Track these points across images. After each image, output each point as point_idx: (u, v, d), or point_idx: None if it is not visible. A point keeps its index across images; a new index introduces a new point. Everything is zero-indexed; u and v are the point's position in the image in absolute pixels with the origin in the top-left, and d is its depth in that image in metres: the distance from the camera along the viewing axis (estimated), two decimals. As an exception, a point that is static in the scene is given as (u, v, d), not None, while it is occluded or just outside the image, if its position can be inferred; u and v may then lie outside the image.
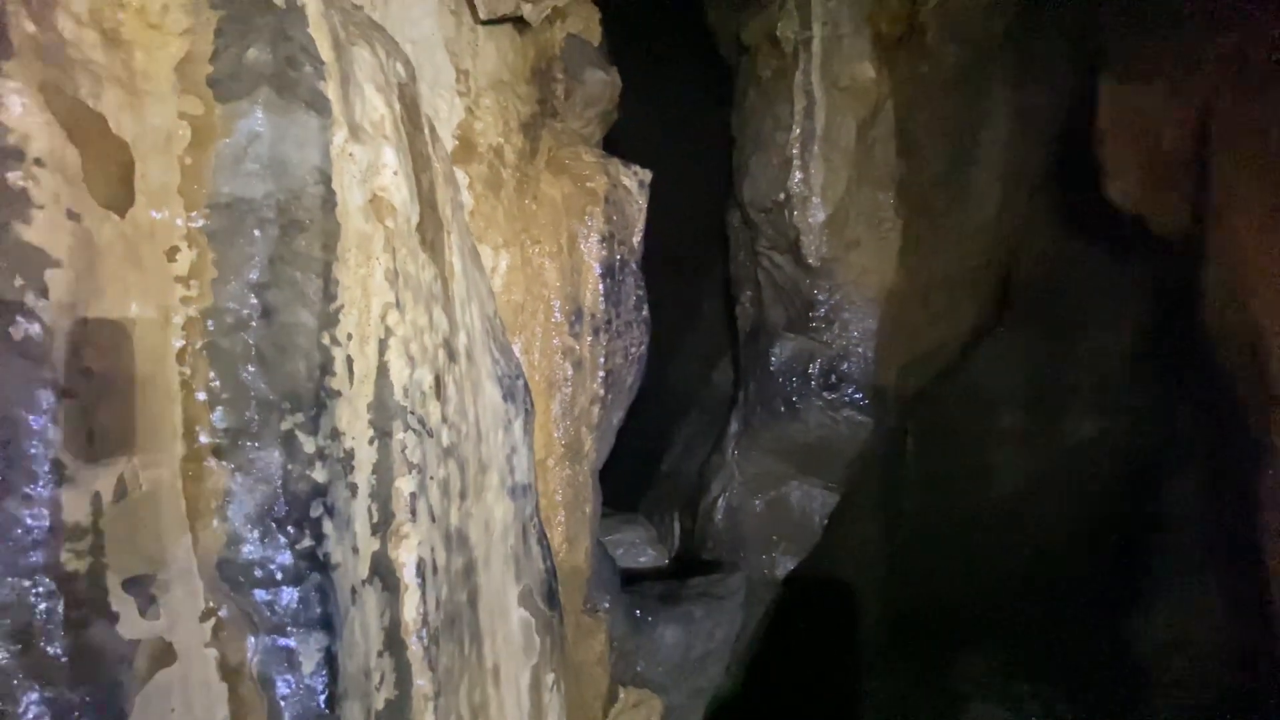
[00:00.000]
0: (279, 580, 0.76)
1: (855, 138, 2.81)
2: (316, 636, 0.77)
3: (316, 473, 0.83)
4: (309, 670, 0.76)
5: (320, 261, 0.88)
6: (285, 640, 0.75)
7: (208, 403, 0.76)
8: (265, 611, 0.74)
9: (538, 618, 1.54)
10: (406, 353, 1.06)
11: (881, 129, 2.86)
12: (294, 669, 0.75)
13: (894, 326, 3.00)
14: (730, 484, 3.08)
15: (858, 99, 2.80)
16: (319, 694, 0.76)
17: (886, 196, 2.89)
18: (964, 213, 3.04)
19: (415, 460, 1.05)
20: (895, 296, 2.97)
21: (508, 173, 1.88)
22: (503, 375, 1.52)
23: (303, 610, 0.76)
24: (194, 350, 0.76)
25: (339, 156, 0.93)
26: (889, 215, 2.90)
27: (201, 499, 0.74)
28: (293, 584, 0.76)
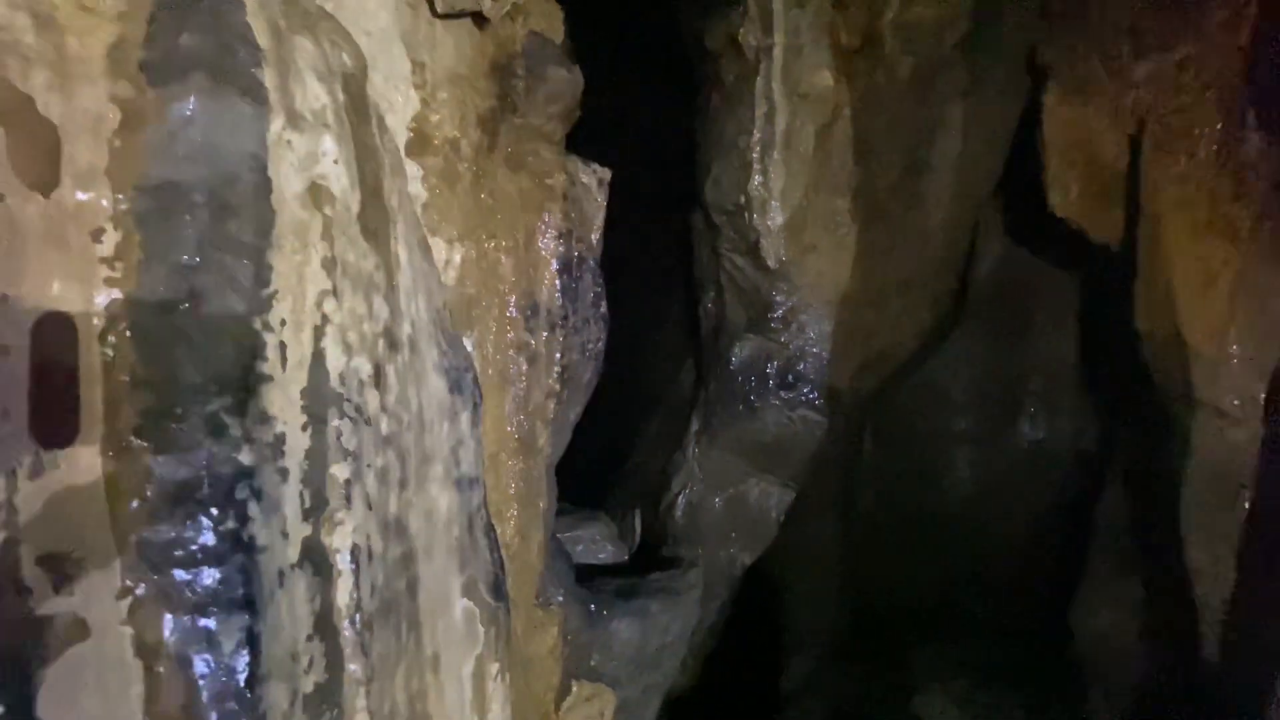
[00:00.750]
0: (200, 560, 0.76)
1: (814, 144, 2.88)
2: (238, 617, 0.78)
3: (243, 455, 0.84)
4: (229, 650, 0.76)
5: (252, 247, 0.89)
6: (205, 620, 0.76)
7: (131, 384, 0.76)
8: (185, 591, 0.75)
9: (483, 609, 1.55)
10: (343, 340, 1.07)
11: (839, 136, 2.94)
12: (213, 648, 0.75)
13: (849, 328, 3.07)
14: (690, 481, 3.13)
15: (817, 106, 2.87)
16: (239, 674, 0.76)
17: (844, 202, 2.97)
18: (918, 219, 3.13)
19: (351, 448, 1.06)
20: (851, 299, 3.05)
21: (464, 166, 1.89)
22: (450, 367, 1.53)
23: (224, 591, 0.77)
24: (118, 332, 0.77)
25: (275, 144, 0.94)
26: (846, 220, 2.98)
27: (122, 479, 0.75)
28: (214, 564, 0.77)
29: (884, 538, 4.23)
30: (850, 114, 2.89)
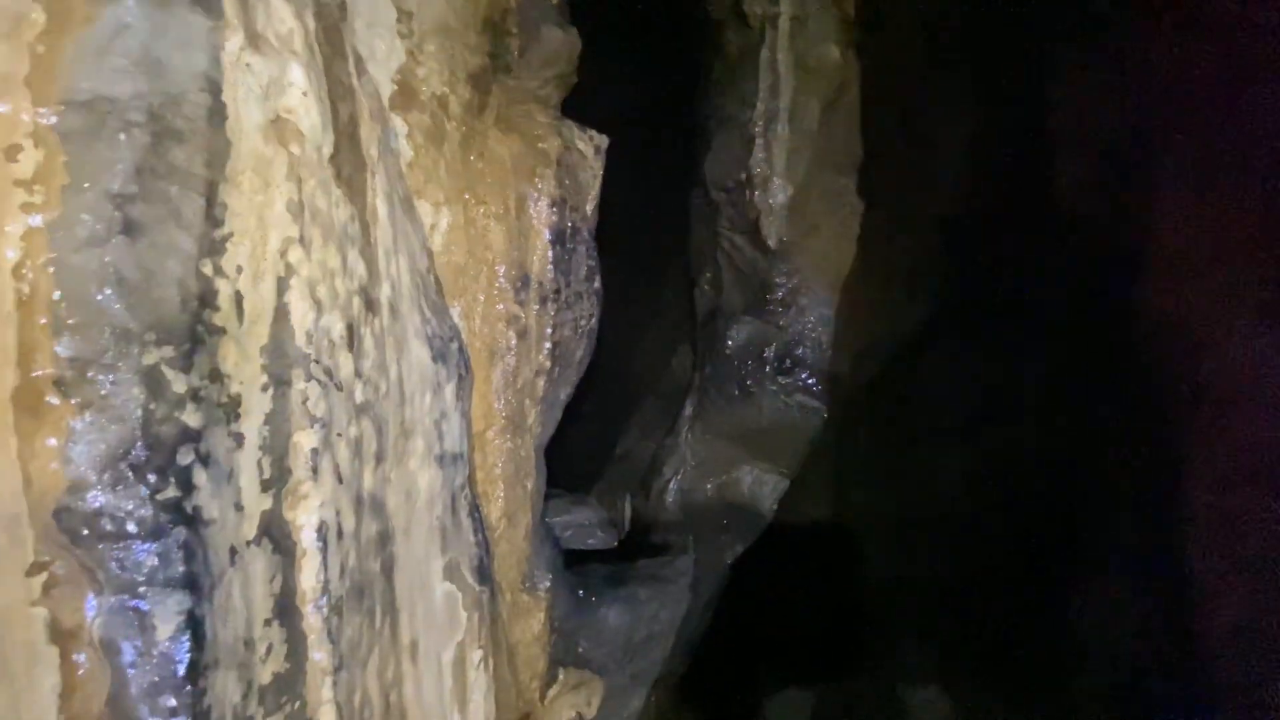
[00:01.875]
0: (132, 533, 0.66)
1: (819, 120, 2.78)
2: (176, 598, 0.68)
3: (188, 416, 0.73)
4: (165, 635, 0.66)
5: (202, 179, 0.78)
6: (136, 601, 0.65)
7: (50, 327, 0.65)
8: (113, 568, 0.65)
9: (465, 593, 1.46)
10: (312, 295, 0.96)
11: (845, 112, 2.83)
12: (145, 633, 0.66)
13: (850, 313, 2.99)
14: (682, 467, 3.04)
15: (823, 80, 2.76)
16: (177, 663, 0.67)
17: (848, 181, 2.87)
18: (922, 201, 3.04)
19: (319, 414, 0.96)
20: (852, 283, 2.96)
21: (452, 125, 1.77)
22: (433, 335, 1.43)
23: (160, 568, 0.67)
24: (35, 265, 0.66)
25: (232, 65, 0.83)
26: (849, 200, 2.88)
27: (38, 436, 0.64)
28: (149, 538, 0.67)
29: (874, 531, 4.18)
30: (857, 90, 2.78)
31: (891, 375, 3.84)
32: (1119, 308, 2.65)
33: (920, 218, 3.10)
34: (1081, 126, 2.80)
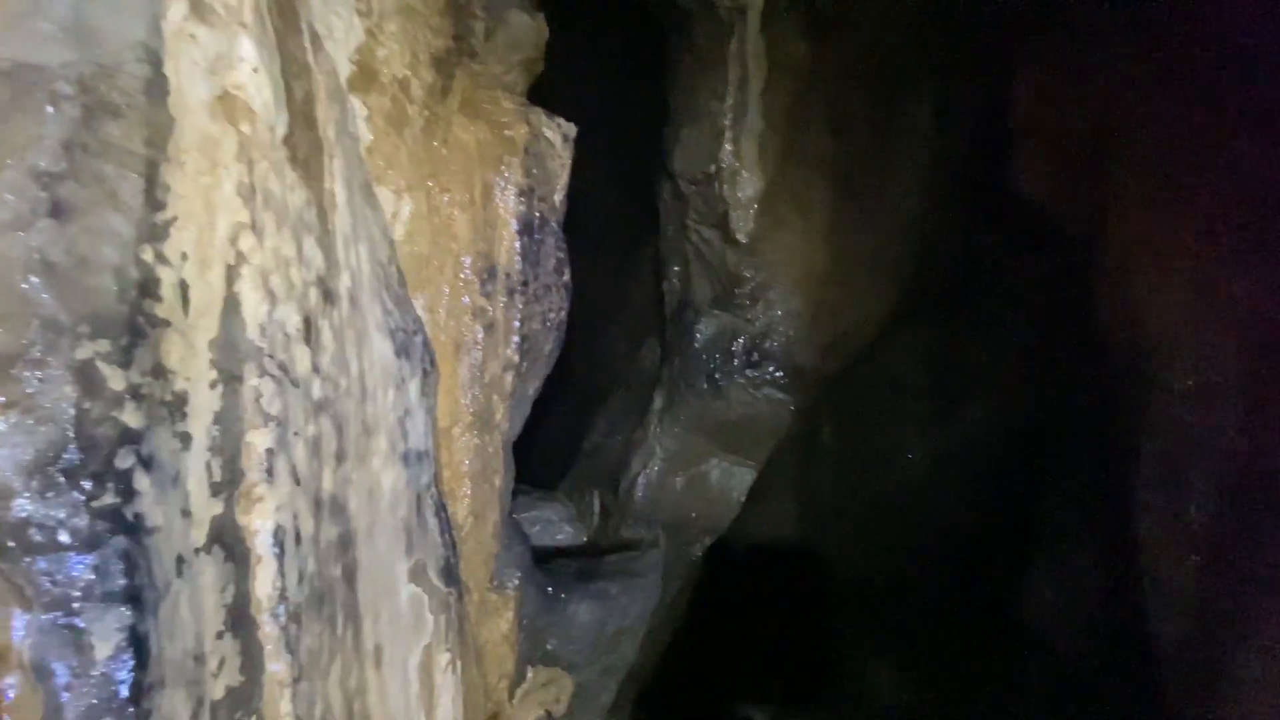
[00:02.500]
0: (65, 544, 0.60)
1: (787, 114, 2.78)
2: (116, 613, 0.62)
3: (127, 415, 0.67)
4: (105, 655, 0.61)
5: (141, 158, 0.71)
6: (71, 618, 0.60)
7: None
8: (44, 583, 0.59)
9: (432, 595, 1.41)
10: (265, 285, 0.91)
11: (813, 108, 2.84)
12: (82, 653, 0.60)
13: (817, 307, 3.01)
14: (651, 461, 3.03)
15: (791, 75, 2.76)
16: (118, 683, 0.61)
17: (815, 176, 2.88)
18: (888, 198, 3.08)
19: (273, 412, 0.90)
20: (819, 277, 2.98)
21: (414, 109, 1.70)
22: (396, 328, 1.37)
23: (98, 582, 0.61)
24: (-53, 250, 0.59)
25: (175, 35, 0.77)
26: (817, 195, 2.90)
27: (-47, 440, 0.58)
28: (85, 549, 0.61)
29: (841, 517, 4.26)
30: (824, 86, 2.79)
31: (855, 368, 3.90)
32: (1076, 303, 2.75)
33: (884, 213, 3.14)
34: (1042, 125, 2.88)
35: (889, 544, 4.41)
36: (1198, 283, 2.13)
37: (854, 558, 4.27)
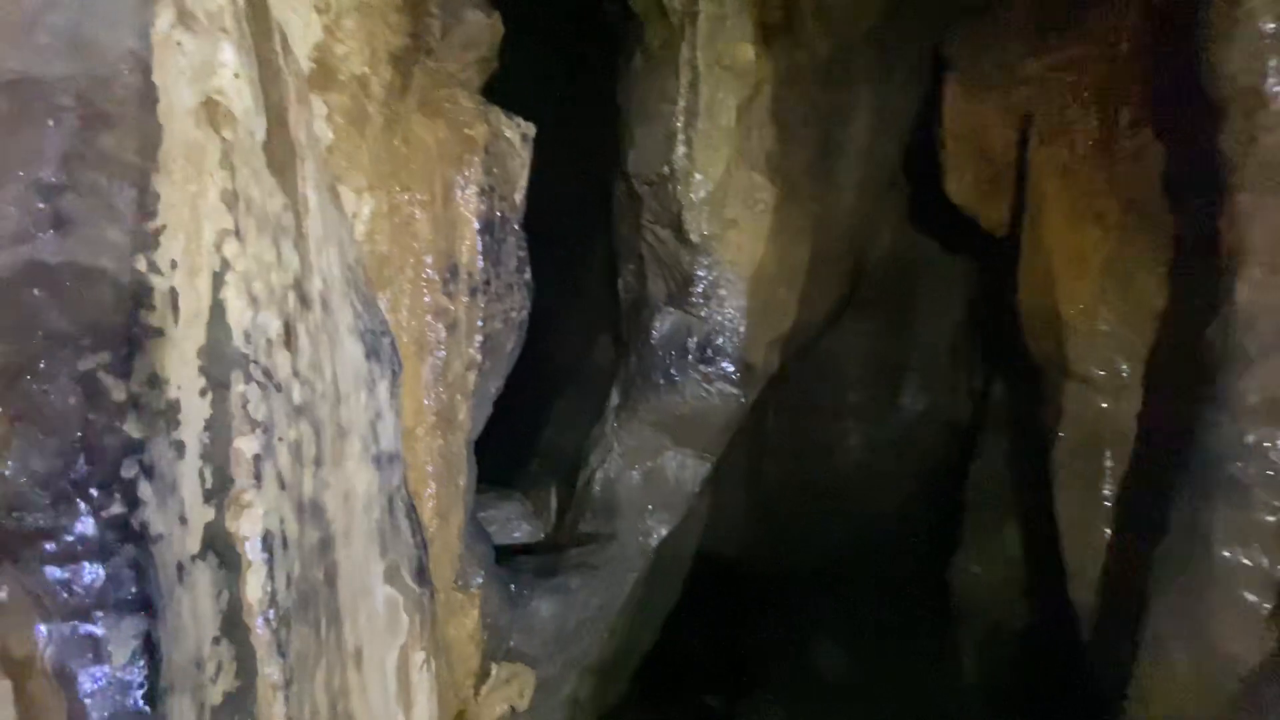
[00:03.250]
0: (79, 554, 0.61)
1: (735, 118, 2.87)
2: (131, 621, 0.63)
3: (129, 425, 0.68)
4: (121, 661, 0.62)
5: (134, 168, 0.72)
6: (89, 626, 0.60)
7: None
8: (60, 593, 0.60)
9: (406, 596, 1.42)
10: (248, 291, 0.91)
11: (759, 112, 2.95)
12: (101, 660, 0.61)
13: (765, 305, 3.13)
14: (608, 456, 3.08)
15: (739, 80, 2.86)
16: (135, 689, 0.62)
17: (762, 179, 2.99)
18: (829, 200, 3.23)
19: (260, 418, 0.91)
20: (767, 276, 3.10)
21: (374, 108, 1.69)
22: (365, 330, 1.37)
23: (112, 590, 0.62)
24: (-53, 263, 0.58)
25: (163, 44, 0.76)
26: (764, 197, 3.01)
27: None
28: (98, 559, 0.62)
29: (785, 505, 4.44)
30: (770, 91, 2.90)
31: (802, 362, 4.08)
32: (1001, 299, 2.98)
33: (827, 215, 3.30)
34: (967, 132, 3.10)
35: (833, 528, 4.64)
36: (1106, 282, 2.36)
37: (800, 542, 4.48)
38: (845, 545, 4.63)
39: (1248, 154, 1.42)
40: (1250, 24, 1.41)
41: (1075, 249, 2.43)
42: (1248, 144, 1.42)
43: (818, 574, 4.39)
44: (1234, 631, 1.40)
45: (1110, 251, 2.29)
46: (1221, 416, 1.45)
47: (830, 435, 4.89)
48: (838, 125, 3.16)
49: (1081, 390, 2.37)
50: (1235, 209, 1.46)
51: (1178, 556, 1.55)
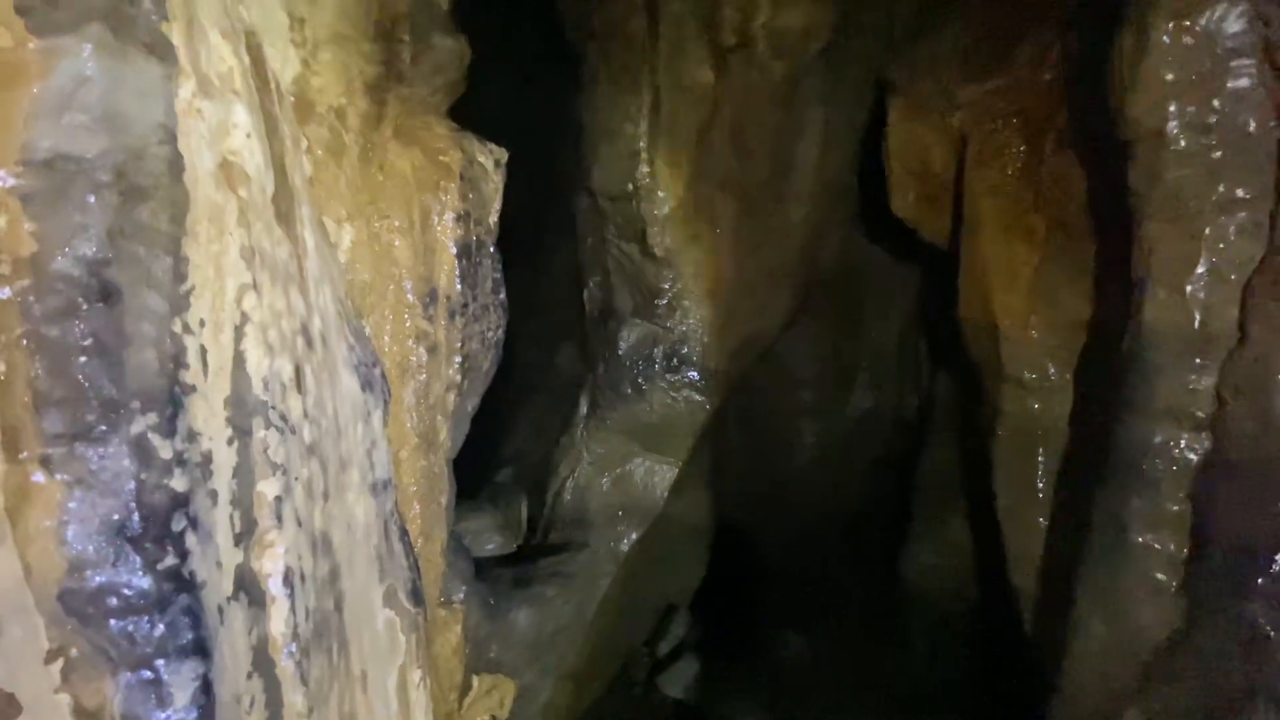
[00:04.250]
0: (139, 607, 0.65)
1: (696, 138, 2.99)
2: (190, 665, 0.67)
3: (176, 481, 0.72)
4: (182, 704, 0.66)
5: (168, 236, 0.76)
6: (152, 674, 0.65)
7: (33, 404, 0.62)
8: (125, 644, 0.64)
9: (403, 617, 1.47)
10: (265, 340, 0.95)
11: (718, 131, 3.07)
12: (165, 704, 0.65)
13: (726, 315, 3.26)
14: (579, 464, 3.15)
15: (698, 100, 2.97)
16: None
17: (722, 196, 3.12)
18: (783, 215, 3.39)
19: (279, 460, 0.95)
20: (727, 288, 3.23)
21: (351, 138, 1.72)
22: (359, 363, 1.41)
23: (171, 638, 0.67)
24: (11, 341, 0.62)
25: (185, 113, 0.80)
26: (724, 213, 3.14)
27: (31, 520, 0.61)
28: (157, 609, 0.66)
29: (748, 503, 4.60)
30: (728, 111, 3.03)
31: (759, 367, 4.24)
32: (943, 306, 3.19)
33: (781, 228, 3.46)
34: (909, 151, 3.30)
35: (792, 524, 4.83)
36: (1035, 294, 2.57)
37: (762, 538, 4.65)
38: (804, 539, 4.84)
39: (1152, 188, 1.61)
40: (1154, 74, 1.60)
41: (1007, 263, 2.64)
42: (1153, 180, 1.61)
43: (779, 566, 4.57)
44: (1146, 607, 1.59)
45: (1038, 266, 2.50)
46: (1134, 419, 1.64)
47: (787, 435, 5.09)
48: (790, 143, 3.32)
49: (1015, 392, 2.58)
50: (1142, 236, 1.65)
51: (1099, 541, 1.73)
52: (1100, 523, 1.76)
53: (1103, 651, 1.69)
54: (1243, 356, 1.52)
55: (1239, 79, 1.57)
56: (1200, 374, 1.58)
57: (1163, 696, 1.58)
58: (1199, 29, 1.60)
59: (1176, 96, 1.59)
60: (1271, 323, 1.48)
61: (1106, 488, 1.75)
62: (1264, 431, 1.47)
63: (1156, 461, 1.62)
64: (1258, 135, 1.55)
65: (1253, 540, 1.47)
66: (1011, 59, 2.66)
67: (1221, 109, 1.58)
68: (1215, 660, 1.53)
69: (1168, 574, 1.61)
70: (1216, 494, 1.53)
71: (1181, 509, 1.61)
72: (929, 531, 3.96)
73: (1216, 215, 1.57)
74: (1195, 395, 1.58)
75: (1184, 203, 1.60)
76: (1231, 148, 1.57)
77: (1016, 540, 2.57)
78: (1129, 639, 1.65)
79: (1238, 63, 1.57)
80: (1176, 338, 1.58)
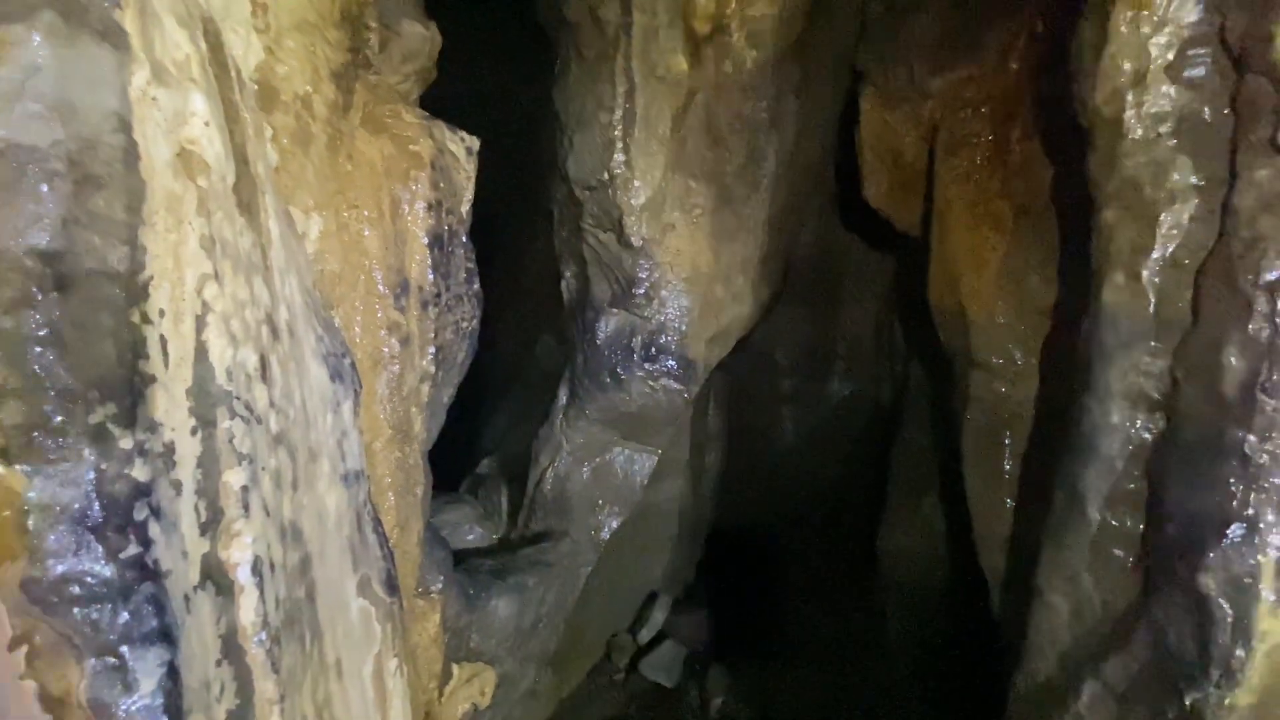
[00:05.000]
0: (102, 595, 0.65)
1: (671, 126, 2.99)
2: (155, 651, 0.68)
3: (137, 471, 0.72)
4: (148, 689, 0.67)
5: (125, 225, 0.75)
6: (117, 661, 0.65)
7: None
8: (89, 631, 0.64)
9: (378, 606, 1.48)
10: (228, 330, 0.95)
11: (693, 120, 3.07)
12: (130, 690, 0.66)
13: (704, 304, 3.28)
14: (559, 455, 3.16)
15: (672, 89, 2.97)
16: (162, 713, 0.67)
17: (697, 185, 3.12)
18: (759, 203, 3.40)
19: (244, 450, 0.95)
20: (704, 276, 3.24)
21: (317, 126, 1.70)
22: (328, 353, 1.41)
23: (135, 625, 0.67)
24: (-39, 331, 0.61)
25: (140, 101, 0.80)
26: (699, 202, 3.14)
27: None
28: (121, 597, 0.66)
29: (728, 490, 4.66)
30: (703, 100, 3.03)
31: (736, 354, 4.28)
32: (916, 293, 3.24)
33: (757, 217, 3.48)
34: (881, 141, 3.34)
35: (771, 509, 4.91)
36: (1002, 280, 2.63)
37: (742, 524, 4.71)
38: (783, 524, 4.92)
39: (1110, 177, 1.65)
40: (1114, 63, 1.64)
41: (975, 250, 2.69)
42: (1111, 168, 1.65)
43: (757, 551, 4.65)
44: (1104, 581, 1.66)
45: (1006, 253, 2.55)
46: (1092, 401, 1.69)
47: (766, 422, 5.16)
48: (765, 132, 3.33)
49: (984, 377, 2.64)
50: (1101, 223, 1.70)
51: (1060, 519, 1.79)
52: (1060, 501, 1.82)
53: (1062, 625, 1.76)
54: (1195, 339, 1.57)
55: (1195, 68, 1.61)
56: (1155, 356, 1.63)
57: (1118, 666, 1.64)
58: (1157, 18, 1.64)
59: (1135, 85, 1.63)
60: (1222, 306, 1.54)
61: (1066, 467, 1.81)
62: (1215, 412, 1.53)
63: (1113, 441, 1.67)
64: (1213, 124, 1.59)
65: (1205, 515, 1.53)
66: (981, 48, 2.70)
67: (1178, 98, 1.63)
68: (1169, 631, 1.59)
69: (1124, 549, 1.67)
70: (1170, 472, 1.59)
71: (1137, 486, 1.66)
72: (903, 514, 4.05)
73: (1171, 203, 1.62)
74: (1150, 377, 1.64)
75: (1140, 190, 1.64)
76: (1187, 136, 1.62)
77: (984, 521, 2.64)
78: (1087, 612, 1.71)
79: (1194, 52, 1.61)
80: (1132, 321, 1.63)
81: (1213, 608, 1.52)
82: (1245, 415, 1.44)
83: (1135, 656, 1.62)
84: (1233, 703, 1.50)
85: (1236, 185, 1.51)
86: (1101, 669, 1.66)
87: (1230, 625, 1.49)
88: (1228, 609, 1.50)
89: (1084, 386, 1.74)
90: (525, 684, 2.93)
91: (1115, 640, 1.64)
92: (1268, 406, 1.42)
